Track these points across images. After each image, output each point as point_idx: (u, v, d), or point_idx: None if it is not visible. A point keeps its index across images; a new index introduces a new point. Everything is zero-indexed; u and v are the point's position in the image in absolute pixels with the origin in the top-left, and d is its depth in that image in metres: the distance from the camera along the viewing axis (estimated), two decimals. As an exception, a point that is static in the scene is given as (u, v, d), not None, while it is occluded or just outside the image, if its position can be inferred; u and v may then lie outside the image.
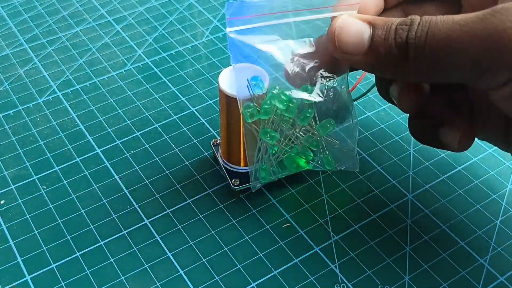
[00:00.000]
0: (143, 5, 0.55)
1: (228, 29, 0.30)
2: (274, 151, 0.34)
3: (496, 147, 0.37)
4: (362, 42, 0.27)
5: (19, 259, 0.34)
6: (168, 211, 0.37)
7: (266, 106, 0.33)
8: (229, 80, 0.34)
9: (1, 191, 0.38)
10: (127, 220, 0.36)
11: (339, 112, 0.33)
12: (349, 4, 0.30)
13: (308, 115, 0.33)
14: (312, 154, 0.35)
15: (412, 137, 0.41)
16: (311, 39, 0.32)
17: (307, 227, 0.35)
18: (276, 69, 0.33)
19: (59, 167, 0.39)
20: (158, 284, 0.33)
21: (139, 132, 0.42)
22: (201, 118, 0.43)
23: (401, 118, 0.42)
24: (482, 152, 0.39)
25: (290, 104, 0.33)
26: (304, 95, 0.33)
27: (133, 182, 0.38)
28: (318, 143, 0.34)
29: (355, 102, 0.37)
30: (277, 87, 0.33)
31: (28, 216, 0.36)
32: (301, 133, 0.34)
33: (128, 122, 0.43)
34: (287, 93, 0.33)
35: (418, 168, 0.39)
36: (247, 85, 0.33)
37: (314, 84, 0.32)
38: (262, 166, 0.34)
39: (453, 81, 0.27)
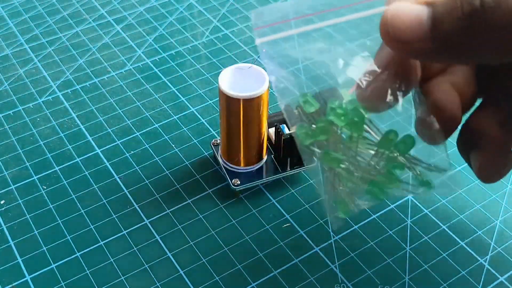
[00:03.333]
0: (143, 5, 0.55)
1: (258, 41, 0.25)
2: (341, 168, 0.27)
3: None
4: (421, 24, 0.23)
5: (19, 259, 0.34)
6: (168, 211, 0.37)
7: (322, 124, 0.26)
8: (229, 80, 0.34)
9: (1, 191, 0.38)
10: (127, 220, 0.36)
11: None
12: None
13: (391, 138, 0.27)
14: (399, 178, 0.27)
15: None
16: (367, 42, 0.26)
17: (307, 227, 0.35)
18: (317, 81, 0.27)
19: (59, 167, 0.39)
20: (158, 284, 0.33)
21: (139, 132, 0.42)
22: (201, 118, 0.43)
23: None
24: (482, 152, 0.39)
25: (355, 118, 0.26)
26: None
27: (133, 182, 0.38)
28: (400, 165, 0.27)
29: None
30: (336, 102, 0.26)
31: (28, 216, 0.36)
32: (368, 152, 0.27)
33: (128, 122, 0.43)
34: (344, 105, 0.26)
35: (418, 168, 0.39)
36: (296, 107, 0.27)
37: (395, 101, 0.27)
38: (336, 199, 0.27)
39: None
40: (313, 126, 0.27)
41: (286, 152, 0.36)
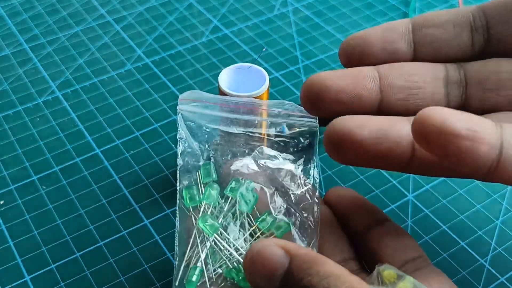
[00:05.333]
0: (143, 5, 0.55)
1: (179, 107, 0.29)
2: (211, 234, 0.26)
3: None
4: (273, 280, 0.23)
5: (19, 259, 0.34)
6: (168, 211, 0.37)
7: (213, 191, 0.27)
8: (229, 80, 0.34)
9: (1, 191, 0.38)
10: (127, 220, 0.36)
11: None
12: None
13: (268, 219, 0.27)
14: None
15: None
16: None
17: (307, 227, 0.35)
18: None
19: (59, 167, 0.39)
20: (158, 284, 0.33)
21: (139, 132, 0.42)
22: (201, 118, 0.43)
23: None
24: (482, 152, 0.39)
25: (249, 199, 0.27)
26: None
27: (133, 182, 0.38)
28: None
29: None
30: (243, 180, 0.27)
31: (27, 216, 0.36)
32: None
33: (128, 122, 0.43)
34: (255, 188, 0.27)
35: (418, 168, 0.39)
36: (197, 171, 0.28)
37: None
38: (193, 267, 0.26)
39: None
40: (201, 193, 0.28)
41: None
